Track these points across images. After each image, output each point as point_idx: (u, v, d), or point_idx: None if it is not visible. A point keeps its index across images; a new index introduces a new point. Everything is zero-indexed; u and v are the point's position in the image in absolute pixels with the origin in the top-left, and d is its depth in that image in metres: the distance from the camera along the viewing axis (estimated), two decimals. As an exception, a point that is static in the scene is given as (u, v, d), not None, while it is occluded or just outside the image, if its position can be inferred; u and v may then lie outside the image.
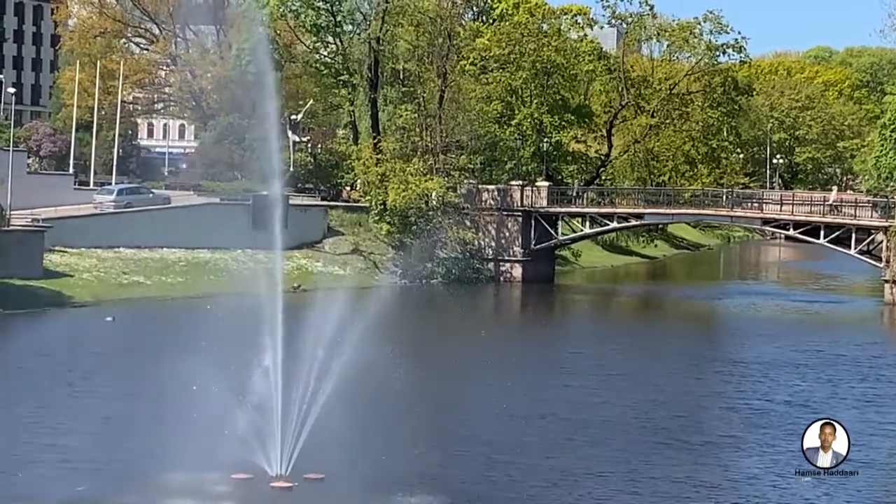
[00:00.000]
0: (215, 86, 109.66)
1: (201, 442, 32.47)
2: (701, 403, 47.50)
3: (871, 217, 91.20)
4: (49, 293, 71.24)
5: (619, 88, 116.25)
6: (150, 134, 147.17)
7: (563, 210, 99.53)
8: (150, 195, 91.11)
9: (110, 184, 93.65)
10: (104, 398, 43.60)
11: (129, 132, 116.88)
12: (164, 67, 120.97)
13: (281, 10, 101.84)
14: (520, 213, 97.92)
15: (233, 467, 32.20)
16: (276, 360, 32.68)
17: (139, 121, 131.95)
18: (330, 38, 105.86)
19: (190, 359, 33.67)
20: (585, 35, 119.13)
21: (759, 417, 44.53)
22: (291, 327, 33.48)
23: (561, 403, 46.36)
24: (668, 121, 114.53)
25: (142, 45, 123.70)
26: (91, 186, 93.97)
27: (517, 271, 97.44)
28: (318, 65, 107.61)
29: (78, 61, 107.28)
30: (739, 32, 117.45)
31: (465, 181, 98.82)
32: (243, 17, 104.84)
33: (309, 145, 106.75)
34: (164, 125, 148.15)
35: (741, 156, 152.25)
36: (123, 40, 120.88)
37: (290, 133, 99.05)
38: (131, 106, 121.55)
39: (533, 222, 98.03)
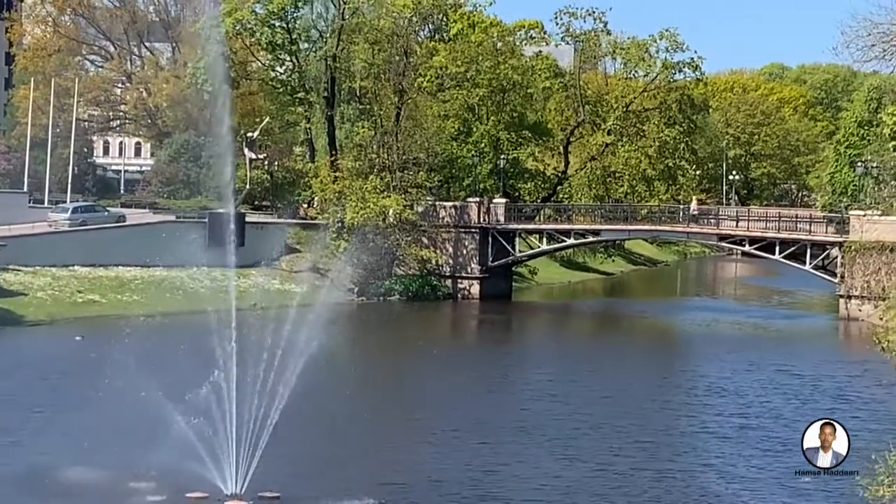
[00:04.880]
0: (170, 103, 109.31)
1: (155, 461, 32.30)
2: (665, 423, 47.47)
3: (826, 233, 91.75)
4: (2, 312, 70.63)
5: (576, 105, 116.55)
6: (106, 152, 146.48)
7: (521, 227, 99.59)
8: (106, 213, 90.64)
9: (65, 202, 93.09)
10: (62, 416, 43.16)
11: (85, 150, 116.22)
12: (120, 85, 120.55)
13: (236, 28, 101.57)
14: (477, 230, 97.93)
15: (187, 486, 32.02)
16: (231, 379, 32.54)
17: (95, 139, 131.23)
18: (286, 56, 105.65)
19: (144, 378, 33.50)
20: (540, 52, 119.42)
21: (734, 439, 44.62)
22: (246, 345, 33.33)
23: (519, 420, 46.36)
24: (624, 138, 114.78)
25: (97, 63, 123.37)
26: (46, 205, 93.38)
27: (475, 288, 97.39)
28: (274, 82, 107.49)
29: (32, 79, 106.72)
30: (695, 51, 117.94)
31: (423, 198, 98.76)
32: (198, 34, 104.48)
33: (265, 163, 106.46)
34: (120, 143, 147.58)
35: (697, 172, 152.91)
36: (78, 58, 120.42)
37: (246, 150, 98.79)
38: (86, 124, 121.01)
39: (490, 239, 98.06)
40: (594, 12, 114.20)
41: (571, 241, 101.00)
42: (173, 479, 32.26)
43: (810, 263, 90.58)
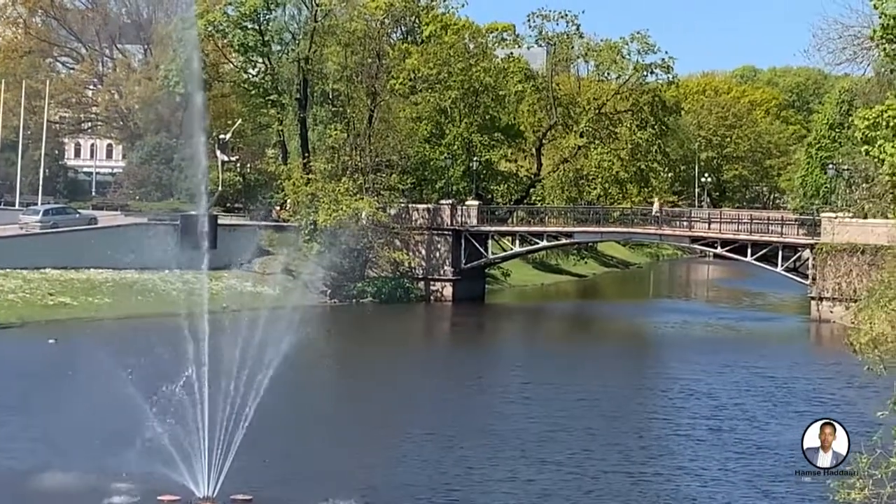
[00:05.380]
0: (142, 105, 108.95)
1: (127, 464, 32.16)
2: (639, 426, 47.45)
3: (798, 235, 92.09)
4: (-27, 315, 70.32)
5: (548, 108, 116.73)
6: (77, 154, 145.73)
7: (494, 229, 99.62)
8: (77, 216, 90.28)
9: (36, 204, 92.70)
10: (34, 420, 42.91)
11: (56, 152, 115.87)
12: (91, 87, 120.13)
13: (208, 29, 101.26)
14: (450, 233, 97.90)
15: (160, 489, 31.90)
16: (203, 381, 32.43)
17: (66, 140, 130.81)
18: (258, 58, 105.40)
19: (117, 381, 33.37)
20: (512, 54, 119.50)
21: (708, 441, 44.66)
22: (218, 348, 33.21)
23: (493, 423, 46.34)
24: (596, 140, 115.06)
25: (68, 65, 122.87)
26: (17, 207, 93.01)
27: (448, 290, 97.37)
28: (246, 84, 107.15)
29: (3, 81, 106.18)
30: (667, 52, 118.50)
31: (396, 201, 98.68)
32: (170, 36, 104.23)
33: (238, 165, 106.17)
34: (92, 145, 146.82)
35: (670, 175, 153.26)
36: (49, 60, 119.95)
37: (218, 152, 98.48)
38: (58, 126, 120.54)
39: (463, 241, 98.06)
40: (567, 15, 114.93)
41: (544, 243, 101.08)
42: (145, 481, 32.16)
43: (782, 265, 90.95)
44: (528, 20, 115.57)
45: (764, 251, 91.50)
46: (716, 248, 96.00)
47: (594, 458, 40.30)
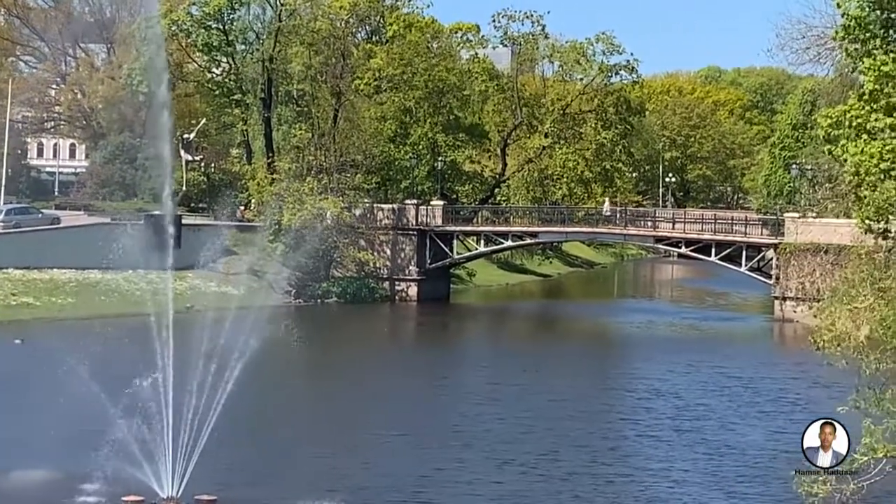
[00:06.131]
0: (105, 105, 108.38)
1: (91, 465, 32.01)
2: (605, 426, 47.49)
3: (761, 235, 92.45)
4: (-65, 315, 69.92)
5: (513, 108, 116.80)
6: (40, 153, 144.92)
7: (458, 229, 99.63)
8: (40, 215, 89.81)
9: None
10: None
11: (19, 152, 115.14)
12: (54, 86, 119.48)
13: (172, 29, 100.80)
14: (415, 232, 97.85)
15: (123, 489, 31.74)
16: (167, 381, 32.30)
17: (29, 140, 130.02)
18: (222, 58, 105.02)
19: (81, 381, 33.23)
20: (476, 54, 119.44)
21: (674, 442, 44.73)
22: (182, 348, 33.09)
23: (458, 424, 46.34)
24: (561, 141, 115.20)
25: (31, 64, 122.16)
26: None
27: (413, 290, 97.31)
28: (210, 84, 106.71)
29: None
30: (632, 53, 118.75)
31: (360, 200, 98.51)
32: (133, 36, 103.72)
33: (202, 164, 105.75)
34: (55, 144, 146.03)
35: (634, 174, 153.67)
36: (12, 59, 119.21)
37: (182, 152, 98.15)
38: (20, 125, 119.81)
39: (428, 241, 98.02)
40: (532, 15, 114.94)
41: (509, 243, 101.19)
42: (109, 482, 31.98)
43: (746, 265, 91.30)
44: (494, 20, 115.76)
45: (728, 251, 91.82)
46: (680, 247, 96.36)
47: (561, 458, 40.30)
